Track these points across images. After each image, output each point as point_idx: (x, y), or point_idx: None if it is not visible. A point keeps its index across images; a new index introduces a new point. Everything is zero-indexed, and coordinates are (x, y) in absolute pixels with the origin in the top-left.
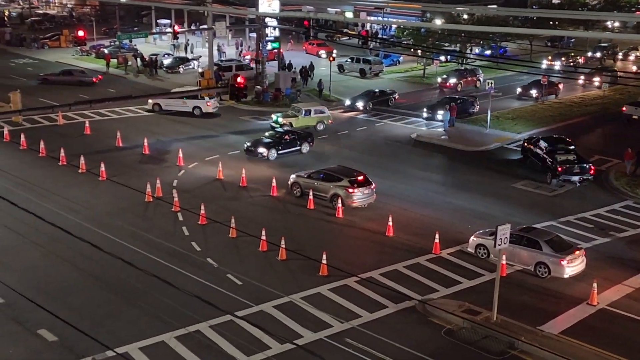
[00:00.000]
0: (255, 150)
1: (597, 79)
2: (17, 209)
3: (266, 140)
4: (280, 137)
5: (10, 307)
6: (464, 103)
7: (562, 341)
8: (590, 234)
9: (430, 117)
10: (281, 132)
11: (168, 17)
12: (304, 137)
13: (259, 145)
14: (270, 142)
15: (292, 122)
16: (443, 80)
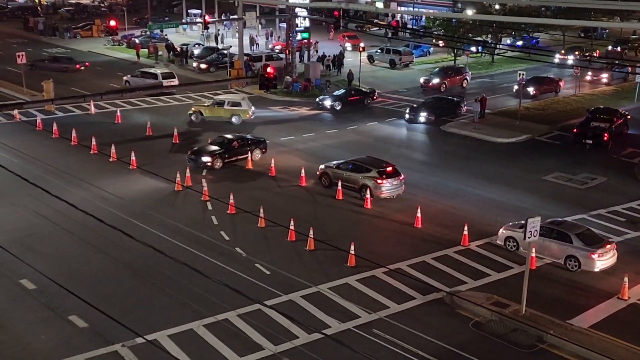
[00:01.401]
0: (198, 159)
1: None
2: (49, 196)
3: (212, 148)
4: (228, 144)
5: (43, 293)
6: (449, 104)
7: (591, 335)
8: (621, 227)
9: (412, 119)
10: (230, 139)
11: (199, 7)
12: (255, 143)
13: (203, 153)
14: (216, 150)
15: (202, 110)
16: (425, 80)
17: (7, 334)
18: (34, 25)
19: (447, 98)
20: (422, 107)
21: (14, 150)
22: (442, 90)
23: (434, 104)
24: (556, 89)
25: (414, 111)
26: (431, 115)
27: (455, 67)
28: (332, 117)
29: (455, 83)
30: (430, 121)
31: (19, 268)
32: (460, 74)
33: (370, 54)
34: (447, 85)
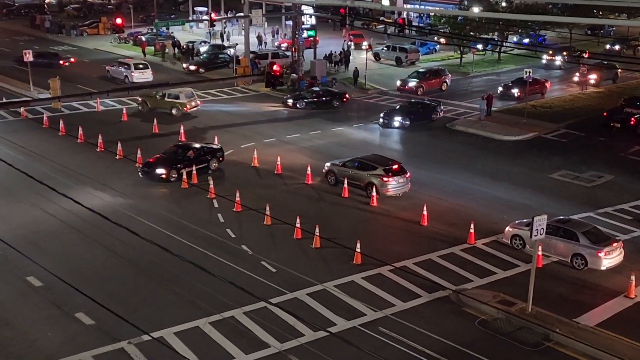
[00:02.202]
0: (151, 171)
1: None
2: (55, 194)
3: (166, 159)
4: (183, 154)
5: (49, 290)
6: (425, 108)
7: (598, 334)
8: (628, 225)
9: (386, 123)
10: (184, 149)
11: (205, 4)
12: (212, 152)
13: (158, 165)
14: (171, 160)
15: (147, 101)
16: (402, 82)
17: (14, 331)
18: (41, 22)
19: (423, 102)
20: (396, 112)
21: (21, 148)
22: (419, 94)
23: (409, 108)
24: (542, 91)
25: (388, 115)
26: (406, 119)
27: (434, 69)
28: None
29: (434, 86)
30: (405, 126)
31: (26, 265)
32: (439, 77)
33: (376, 52)
34: (425, 89)
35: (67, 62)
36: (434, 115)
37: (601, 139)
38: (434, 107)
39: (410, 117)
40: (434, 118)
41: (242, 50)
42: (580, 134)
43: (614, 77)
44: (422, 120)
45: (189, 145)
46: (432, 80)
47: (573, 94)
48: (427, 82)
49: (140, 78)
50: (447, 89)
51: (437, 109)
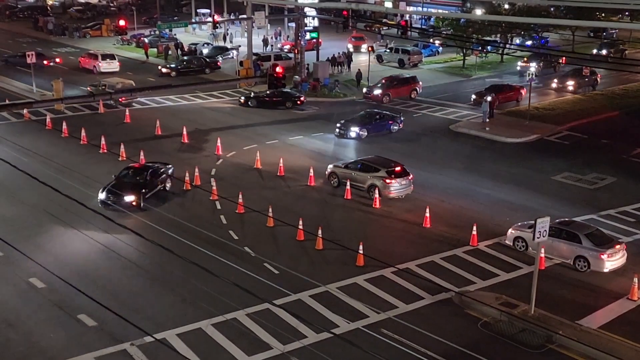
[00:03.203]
0: (119, 200)
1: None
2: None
3: (130, 184)
4: (143, 177)
5: (52, 291)
6: (382, 119)
7: (600, 336)
8: (631, 227)
9: (342, 133)
10: (141, 171)
11: (208, 6)
12: (165, 172)
13: (124, 191)
14: (136, 185)
15: (93, 92)
16: (367, 90)
17: (17, 333)
18: (44, 24)
19: (381, 112)
20: (353, 122)
21: (24, 149)
22: (384, 102)
23: (367, 119)
24: (517, 97)
25: (345, 125)
26: (363, 130)
27: (401, 76)
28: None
29: (402, 94)
30: (362, 137)
31: (29, 266)
32: (407, 84)
33: (379, 54)
34: (391, 97)
35: (52, 62)
36: (394, 127)
37: (604, 141)
38: (394, 117)
39: (368, 127)
40: (393, 129)
41: (244, 52)
42: (583, 136)
43: (593, 84)
44: (381, 131)
45: (145, 166)
46: (400, 88)
47: (575, 96)
48: (395, 90)
49: (107, 68)
50: (417, 96)
51: (396, 120)
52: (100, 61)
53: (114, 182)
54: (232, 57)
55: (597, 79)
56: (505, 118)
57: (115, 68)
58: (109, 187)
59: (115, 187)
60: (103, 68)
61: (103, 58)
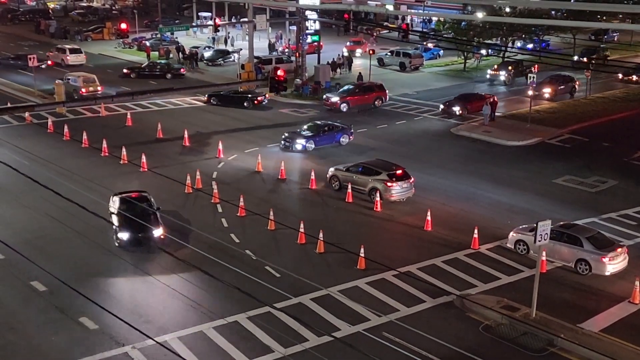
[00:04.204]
0: (147, 235)
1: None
2: (60, 198)
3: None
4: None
5: (53, 295)
6: (331, 130)
7: (602, 339)
8: (632, 231)
9: (288, 146)
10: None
11: (209, 10)
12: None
13: (144, 230)
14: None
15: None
16: (327, 97)
17: (18, 336)
18: (45, 28)
19: (330, 124)
20: (300, 134)
21: (26, 153)
22: (343, 110)
23: (315, 130)
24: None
25: (291, 137)
26: (310, 142)
27: (366, 84)
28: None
29: (363, 102)
30: (309, 150)
31: (30, 270)
32: (370, 92)
33: (380, 57)
34: (350, 105)
35: (44, 64)
36: (343, 139)
37: (605, 144)
38: (344, 129)
39: (315, 139)
40: (342, 142)
41: (246, 55)
42: (584, 139)
43: (571, 91)
44: (329, 143)
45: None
46: (362, 96)
47: (577, 99)
48: (354, 98)
49: (74, 61)
50: (381, 105)
51: (346, 132)
52: (68, 55)
53: (126, 219)
54: (233, 60)
55: (576, 86)
56: (506, 121)
57: (82, 61)
58: (127, 225)
59: (133, 223)
60: (71, 61)
61: (71, 52)
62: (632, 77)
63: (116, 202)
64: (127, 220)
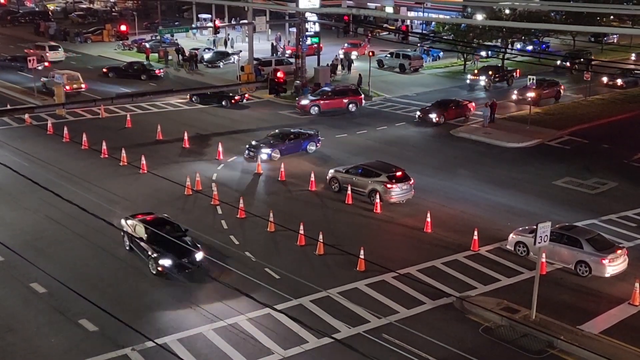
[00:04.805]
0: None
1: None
2: (60, 200)
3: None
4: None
5: (53, 296)
6: (297, 138)
7: (602, 341)
8: (632, 232)
9: (252, 156)
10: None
11: (209, 12)
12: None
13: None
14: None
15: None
16: (297, 100)
17: (18, 338)
18: (45, 29)
19: (296, 132)
20: (264, 142)
21: (25, 154)
22: (311, 113)
23: (279, 138)
24: (465, 114)
25: (255, 146)
26: (275, 151)
27: (340, 87)
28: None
29: (337, 106)
30: (275, 159)
31: (30, 271)
32: (344, 96)
33: (380, 59)
34: (322, 109)
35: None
36: (311, 146)
37: (605, 146)
38: (311, 136)
39: (281, 148)
40: (310, 150)
41: (246, 57)
42: (583, 141)
43: (556, 95)
44: (296, 152)
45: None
46: (334, 100)
47: (576, 101)
48: (326, 102)
49: (54, 57)
50: (355, 109)
51: (314, 139)
52: (48, 51)
53: (166, 245)
54: (233, 62)
55: (561, 90)
56: (506, 123)
57: (62, 57)
58: (169, 251)
59: (175, 248)
60: (51, 58)
61: (50, 49)
62: (616, 82)
63: (138, 227)
64: (167, 245)
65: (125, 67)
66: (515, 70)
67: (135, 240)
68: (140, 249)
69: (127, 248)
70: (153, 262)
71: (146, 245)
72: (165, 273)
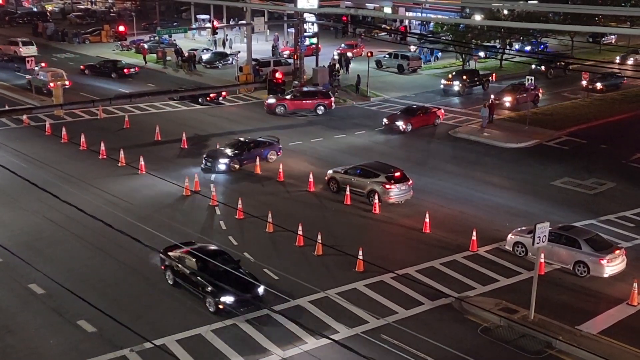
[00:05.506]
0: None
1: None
2: (58, 201)
3: None
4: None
5: (51, 297)
6: (257, 147)
7: (600, 341)
8: (631, 233)
9: (209, 167)
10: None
11: (207, 12)
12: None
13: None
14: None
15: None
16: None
17: (16, 339)
18: (43, 30)
19: (255, 140)
20: (222, 152)
21: (23, 155)
22: (277, 113)
23: (238, 148)
24: (433, 121)
25: (212, 157)
26: (234, 161)
27: (309, 89)
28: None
29: (304, 107)
30: (234, 169)
31: (28, 272)
32: (312, 98)
33: (378, 59)
34: (288, 108)
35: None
36: (271, 156)
37: (603, 147)
38: (271, 144)
39: (240, 158)
40: (270, 158)
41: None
42: (582, 141)
43: (534, 99)
44: (255, 161)
45: (221, 251)
46: (301, 101)
47: (575, 101)
48: (293, 102)
49: (27, 52)
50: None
51: (274, 147)
52: (21, 47)
53: (226, 280)
54: (231, 63)
55: (539, 94)
56: (505, 123)
57: (34, 52)
58: (230, 287)
59: (237, 284)
60: (24, 53)
61: (23, 44)
62: (596, 86)
63: (188, 259)
64: (224, 279)
65: (98, 65)
66: (491, 75)
67: (183, 274)
68: (193, 284)
69: (170, 283)
70: (211, 299)
71: (201, 279)
72: (226, 311)
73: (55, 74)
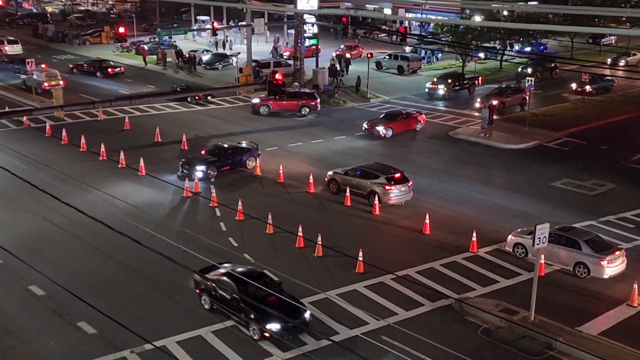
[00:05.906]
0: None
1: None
2: (58, 202)
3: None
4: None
5: (51, 299)
6: (235, 153)
7: (601, 342)
8: (631, 234)
9: (187, 174)
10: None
11: (207, 13)
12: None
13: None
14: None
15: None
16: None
17: (16, 340)
18: (43, 32)
19: (234, 146)
20: (199, 159)
21: (24, 157)
22: (261, 113)
23: (216, 155)
24: (414, 126)
25: (189, 164)
26: (211, 168)
27: (293, 89)
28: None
29: (288, 108)
30: (211, 177)
31: (28, 274)
32: (297, 99)
33: (378, 60)
34: (272, 108)
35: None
36: (250, 162)
37: (603, 148)
38: (250, 150)
39: (217, 165)
40: (249, 165)
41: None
42: (582, 142)
43: (521, 102)
44: (233, 168)
45: (263, 274)
46: (285, 102)
47: (574, 102)
48: (276, 103)
49: (12, 51)
50: (307, 114)
51: (253, 154)
52: (6, 45)
53: (272, 306)
54: (231, 64)
55: (526, 97)
56: (505, 124)
57: (19, 51)
58: (276, 313)
59: (284, 309)
60: (9, 51)
61: (9, 42)
62: (585, 88)
63: (228, 282)
64: (267, 303)
65: (86, 65)
66: (477, 78)
67: (223, 298)
68: (235, 309)
69: (206, 308)
70: (256, 326)
71: (244, 305)
72: (273, 338)
73: (49, 73)
